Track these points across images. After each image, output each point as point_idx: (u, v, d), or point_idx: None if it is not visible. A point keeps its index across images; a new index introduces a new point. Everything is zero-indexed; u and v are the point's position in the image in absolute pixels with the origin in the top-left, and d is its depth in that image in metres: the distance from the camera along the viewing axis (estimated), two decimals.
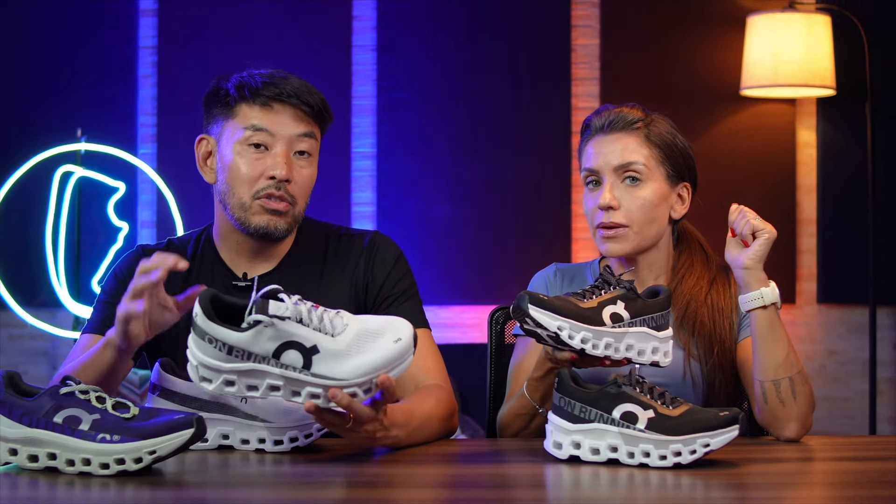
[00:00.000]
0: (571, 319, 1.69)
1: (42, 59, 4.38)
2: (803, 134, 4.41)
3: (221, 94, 2.02)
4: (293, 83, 2.01)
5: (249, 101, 2.00)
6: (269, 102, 1.99)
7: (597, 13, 4.42)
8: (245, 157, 1.99)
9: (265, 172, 1.99)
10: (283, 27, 4.41)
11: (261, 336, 1.58)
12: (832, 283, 4.40)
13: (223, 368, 1.60)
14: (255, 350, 1.59)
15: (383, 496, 1.51)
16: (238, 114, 2.00)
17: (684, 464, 1.63)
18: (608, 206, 2.04)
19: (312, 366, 1.60)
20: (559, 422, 1.70)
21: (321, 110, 2.03)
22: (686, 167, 2.11)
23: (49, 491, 1.47)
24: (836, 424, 4.41)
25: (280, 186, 1.99)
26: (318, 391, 1.60)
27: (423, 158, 4.40)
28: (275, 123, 1.99)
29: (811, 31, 4.07)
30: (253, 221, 2.00)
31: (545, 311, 1.69)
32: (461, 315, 4.40)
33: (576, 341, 1.70)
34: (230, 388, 1.61)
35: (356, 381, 1.60)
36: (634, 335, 1.74)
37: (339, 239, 2.13)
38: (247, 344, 1.59)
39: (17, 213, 4.24)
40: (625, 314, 1.74)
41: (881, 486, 1.54)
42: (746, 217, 1.93)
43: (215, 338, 1.59)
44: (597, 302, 1.73)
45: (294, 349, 1.59)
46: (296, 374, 1.60)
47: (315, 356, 1.60)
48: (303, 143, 2.02)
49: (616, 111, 2.08)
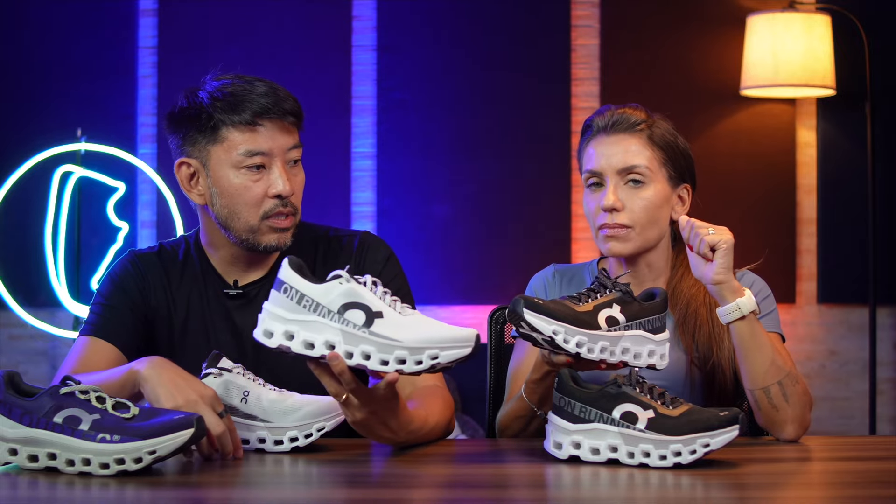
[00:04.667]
0: (566, 324, 1.68)
1: (42, 59, 4.38)
2: (803, 134, 4.41)
3: (198, 115, 1.96)
4: (265, 90, 1.95)
5: (234, 124, 1.94)
6: (255, 121, 1.94)
7: (597, 13, 4.42)
8: (245, 180, 1.96)
9: (268, 192, 1.97)
10: (283, 27, 4.40)
11: (333, 290, 1.61)
12: (832, 282, 4.40)
13: (288, 318, 1.61)
14: (323, 302, 1.61)
15: (383, 496, 1.51)
16: (226, 138, 1.95)
17: (684, 464, 1.63)
18: (612, 209, 2.03)
19: (373, 325, 1.61)
20: (559, 422, 1.70)
21: (298, 113, 1.99)
22: (687, 168, 2.11)
23: (49, 491, 1.47)
24: (836, 424, 4.41)
25: (286, 202, 1.98)
26: (371, 349, 1.61)
27: (423, 158, 4.40)
28: (267, 143, 1.95)
29: (811, 31, 4.07)
30: (263, 242, 1.99)
31: (540, 316, 1.68)
32: (461, 315, 4.40)
33: (570, 346, 1.69)
34: (289, 341, 1.61)
35: (410, 345, 1.61)
36: (630, 338, 1.73)
37: (328, 242, 2.12)
38: (318, 295, 1.61)
39: (17, 213, 4.24)
40: (620, 317, 1.73)
41: (881, 486, 1.54)
42: (699, 234, 1.91)
43: (291, 286, 1.62)
44: (592, 305, 1.72)
45: (360, 309, 1.61)
46: (355, 330, 1.60)
47: (378, 319, 1.61)
48: (294, 153, 2.00)
49: (619, 112, 2.07)
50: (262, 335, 1.63)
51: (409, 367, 1.61)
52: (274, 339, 1.62)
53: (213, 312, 2.07)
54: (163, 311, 2.06)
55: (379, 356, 1.60)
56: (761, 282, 2.13)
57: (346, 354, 1.60)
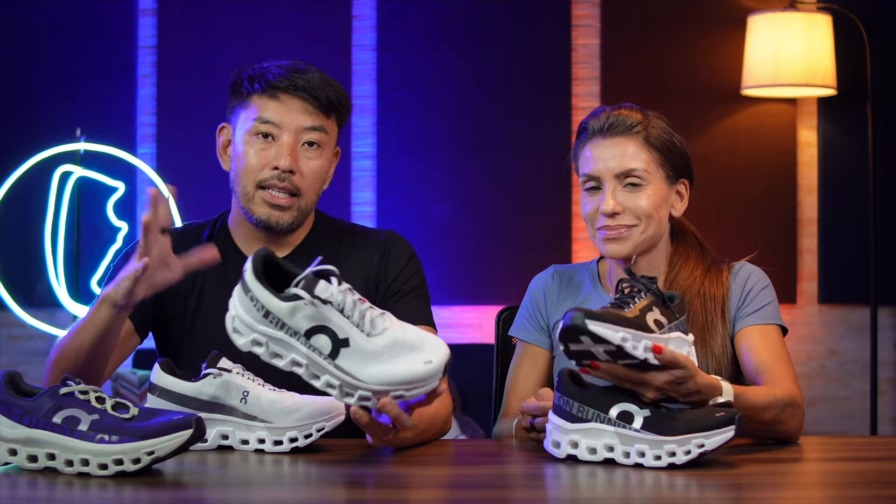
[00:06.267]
0: (631, 329, 1.62)
1: (41, 59, 4.38)
2: (804, 134, 4.41)
3: (237, 84, 2.06)
4: (308, 76, 2.03)
5: (260, 93, 2.02)
6: (278, 94, 2.01)
7: (597, 12, 4.42)
8: (252, 147, 2.02)
9: (270, 163, 2.01)
10: (283, 26, 4.40)
11: (298, 312, 1.58)
12: (833, 282, 4.40)
13: (256, 328, 1.60)
14: (289, 322, 1.58)
15: (383, 496, 1.51)
16: (250, 104, 2.04)
17: (679, 464, 1.62)
18: (612, 213, 2.03)
19: (338, 357, 1.58)
20: (558, 421, 1.70)
21: (332, 103, 2.04)
22: (684, 166, 2.10)
23: (48, 491, 1.47)
24: (837, 424, 4.41)
25: (284, 177, 2.01)
26: (335, 382, 1.58)
27: (423, 158, 4.40)
28: (282, 115, 2.01)
29: (812, 31, 4.07)
30: (255, 212, 2.03)
31: (605, 325, 1.60)
32: (461, 315, 4.40)
33: (639, 351, 1.62)
34: (257, 348, 1.60)
35: (374, 387, 1.58)
36: (674, 341, 1.69)
37: (353, 234, 2.16)
38: (283, 314, 1.58)
39: (17, 213, 4.24)
40: (663, 320, 1.69)
41: (881, 486, 1.54)
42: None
43: (256, 297, 1.59)
44: (637, 310, 1.67)
45: (326, 335, 1.58)
46: (320, 359, 1.59)
47: (344, 349, 1.58)
48: (310, 135, 2.04)
49: (615, 114, 2.05)
50: (232, 332, 1.62)
51: (373, 404, 1.60)
52: (243, 343, 1.61)
53: (231, 287, 2.07)
54: (178, 287, 2.06)
55: (344, 390, 1.59)
56: (759, 272, 2.11)
57: (312, 376, 1.60)
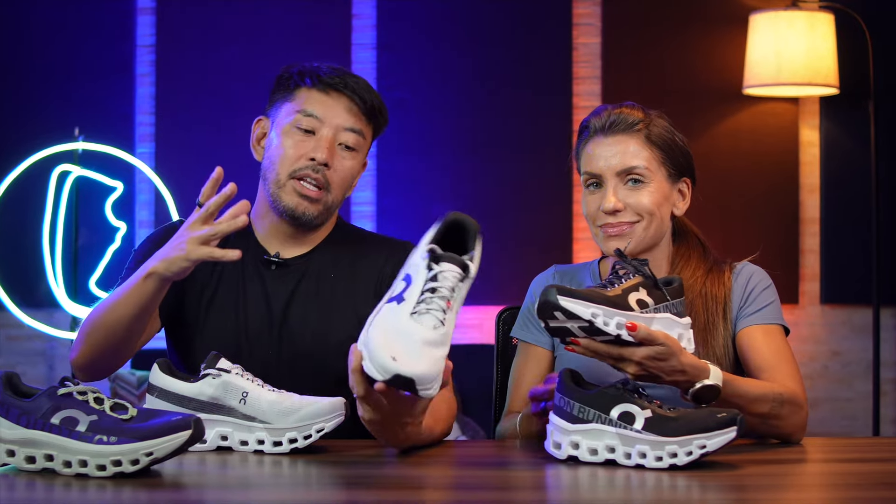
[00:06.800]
0: (604, 305, 1.66)
1: (40, 58, 4.37)
2: (806, 133, 4.40)
3: (286, 78, 2.13)
4: (357, 79, 2.11)
5: (308, 86, 2.09)
6: (327, 89, 2.08)
7: (598, 11, 4.41)
8: (292, 139, 2.08)
9: (307, 154, 2.06)
10: (283, 25, 4.39)
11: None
12: (835, 283, 4.39)
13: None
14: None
15: (383, 497, 1.50)
16: (296, 97, 2.10)
17: (680, 465, 1.61)
18: (614, 211, 2.02)
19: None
20: (559, 422, 1.69)
21: (375, 109, 2.11)
22: (686, 164, 2.10)
23: (46, 493, 1.46)
24: (839, 425, 4.40)
25: (318, 169, 2.06)
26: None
27: (423, 158, 4.39)
28: (326, 110, 2.08)
29: (814, 30, 4.06)
30: (283, 200, 2.08)
31: (576, 300, 1.65)
32: (461, 315, 4.34)
33: (611, 327, 1.66)
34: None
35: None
36: (661, 321, 1.72)
37: (374, 238, 2.23)
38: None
39: (15, 213, 4.23)
40: (649, 300, 1.72)
41: (884, 487, 1.53)
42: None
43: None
44: (621, 289, 1.71)
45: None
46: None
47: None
48: (348, 137, 2.09)
49: (616, 112, 2.06)
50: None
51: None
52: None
53: (248, 280, 2.13)
54: (196, 275, 2.07)
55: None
56: (761, 272, 2.11)
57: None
